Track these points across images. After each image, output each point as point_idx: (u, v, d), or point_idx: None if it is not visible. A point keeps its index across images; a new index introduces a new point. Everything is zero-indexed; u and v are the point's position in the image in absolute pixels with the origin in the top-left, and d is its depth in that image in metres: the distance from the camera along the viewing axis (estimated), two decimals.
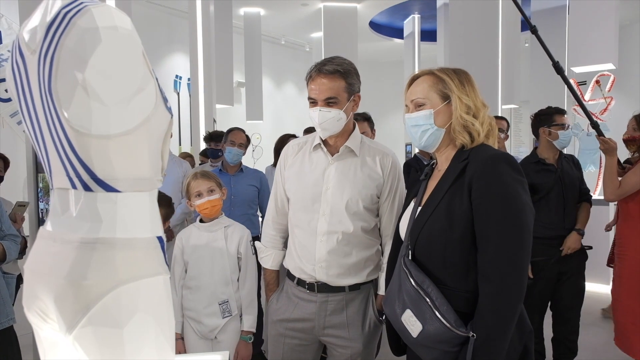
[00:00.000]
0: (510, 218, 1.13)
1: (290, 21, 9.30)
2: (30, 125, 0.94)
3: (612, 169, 2.46)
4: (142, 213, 0.93)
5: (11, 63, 0.94)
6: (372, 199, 1.58)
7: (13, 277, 2.31)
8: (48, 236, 0.93)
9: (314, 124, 1.55)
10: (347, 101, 1.53)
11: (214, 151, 3.71)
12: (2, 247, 2.12)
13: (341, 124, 1.54)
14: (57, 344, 0.95)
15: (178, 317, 1.89)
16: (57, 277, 0.86)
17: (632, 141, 2.54)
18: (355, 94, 1.57)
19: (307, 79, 1.55)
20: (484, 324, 1.11)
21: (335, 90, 1.50)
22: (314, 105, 1.52)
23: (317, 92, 1.51)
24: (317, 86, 1.51)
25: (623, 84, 6.77)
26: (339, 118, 1.52)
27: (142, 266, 0.90)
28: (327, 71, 1.50)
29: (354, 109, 1.59)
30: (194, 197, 1.96)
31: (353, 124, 1.63)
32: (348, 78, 1.52)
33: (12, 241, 2.21)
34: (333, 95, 1.50)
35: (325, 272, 1.55)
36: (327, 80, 1.50)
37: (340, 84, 1.51)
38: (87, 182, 0.88)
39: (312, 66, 1.55)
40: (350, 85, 1.53)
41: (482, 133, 1.25)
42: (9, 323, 2.13)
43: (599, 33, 4.26)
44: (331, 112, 1.50)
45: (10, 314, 2.15)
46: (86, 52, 0.80)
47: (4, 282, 2.18)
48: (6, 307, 2.13)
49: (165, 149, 1.00)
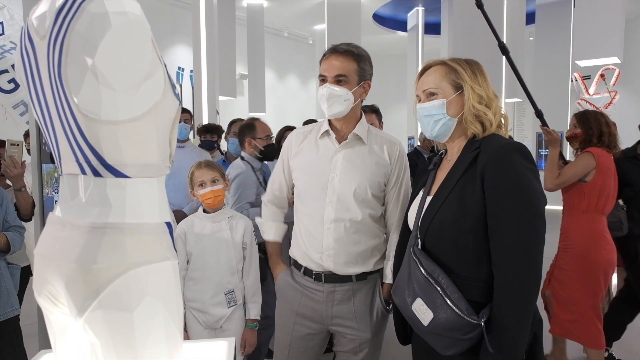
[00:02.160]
0: (523, 206, 1.14)
1: (293, 13, 9.26)
2: (39, 111, 0.95)
3: (554, 159, 2.59)
4: (150, 199, 0.94)
5: (20, 49, 0.95)
6: (379, 187, 1.58)
7: (17, 268, 2.30)
8: (58, 221, 0.94)
9: (321, 102, 1.55)
10: (356, 84, 1.54)
11: (210, 143, 3.73)
12: (6, 239, 2.11)
13: (348, 105, 1.54)
14: (67, 328, 0.97)
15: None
16: (68, 261, 0.87)
17: (574, 138, 2.65)
18: (366, 80, 1.57)
19: (321, 60, 1.57)
20: (499, 314, 1.11)
21: (346, 69, 1.52)
22: (324, 82, 1.54)
23: (328, 69, 1.53)
24: (329, 63, 1.53)
25: (627, 78, 6.73)
26: (346, 98, 1.52)
27: (151, 251, 0.91)
28: (341, 50, 1.52)
29: (363, 95, 1.59)
30: (197, 186, 1.96)
31: (360, 112, 1.63)
32: (360, 62, 1.54)
33: (18, 232, 2.20)
34: (343, 73, 1.51)
35: (332, 260, 1.56)
36: (339, 59, 1.52)
37: (352, 65, 1.52)
38: (97, 167, 0.89)
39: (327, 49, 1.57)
40: (362, 70, 1.55)
41: (495, 123, 1.25)
42: (13, 313, 2.14)
43: (605, 26, 4.25)
44: (340, 89, 1.51)
45: (15, 304, 2.15)
46: (96, 37, 0.81)
47: (8, 273, 2.18)
48: (10, 297, 2.14)
49: (173, 135, 1.01)
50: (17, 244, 2.16)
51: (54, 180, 2.53)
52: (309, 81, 11.51)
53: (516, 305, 1.11)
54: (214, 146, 3.75)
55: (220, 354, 1.19)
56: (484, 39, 4.87)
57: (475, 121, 1.25)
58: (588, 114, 2.65)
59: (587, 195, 2.48)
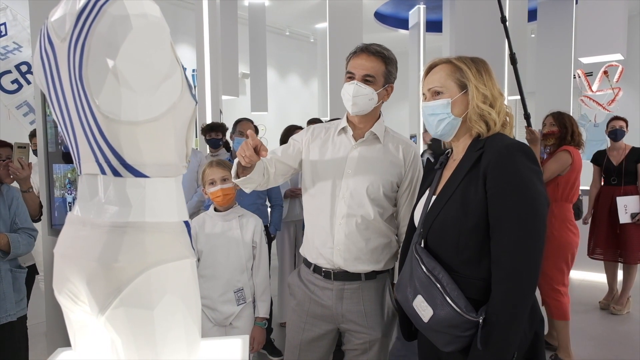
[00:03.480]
0: (525, 207, 1.14)
1: (294, 12, 9.25)
2: (59, 112, 0.96)
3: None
4: (169, 198, 0.96)
5: (39, 52, 0.96)
6: (392, 187, 1.60)
7: (22, 272, 2.21)
8: (77, 221, 0.95)
9: (345, 99, 1.57)
10: (382, 86, 1.57)
11: (215, 141, 3.74)
12: (7, 240, 2.05)
13: (372, 105, 1.57)
14: (87, 326, 0.98)
15: None
16: (89, 260, 0.88)
17: (551, 135, 3.01)
18: (390, 84, 1.60)
19: (350, 57, 1.59)
20: (495, 310, 1.12)
21: (375, 70, 1.55)
22: (351, 79, 1.56)
23: (357, 68, 1.55)
24: (359, 62, 1.55)
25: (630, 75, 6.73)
26: (371, 97, 1.55)
27: (171, 249, 0.93)
28: (373, 50, 1.55)
29: (385, 98, 1.62)
30: (207, 184, 1.98)
31: (379, 112, 1.65)
32: (389, 65, 1.57)
33: (27, 235, 2.15)
34: (372, 73, 1.54)
35: (342, 256, 1.57)
36: (370, 59, 1.54)
37: (381, 67, 1.56)
38: (117, 167, 0.90)
39: (357, 46, 1.59)
40: (389, 73, 1.58)
41: (499, 122, 1.26)
42: (6, 319, 2.07)
43: (608, 23, 4.24)
44: (366, 89, 1.54)
45: (10, 310, 2.08)
46: (117, 39, 0.82)
47: (9, 276, 2.11)
48: (6, 302, 2.07)
49: (190, 135, 1.02)
50: (23, 247, 2.10)
51: (67, 181, 2.52)
52: (310, 80, 11.50)
53: (511, 304, 1.11)
54: (220, 144, 3.76)
55: (234, 351, 1.20)
56: (485, 37, 4.88)
57: (479, 120, 1.26)
58: (563, 114, 3.03)
59: (561, 187, 2.88)
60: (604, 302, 3.96)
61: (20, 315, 2.16)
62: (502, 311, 1.11)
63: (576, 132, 2.96)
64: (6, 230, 2.12)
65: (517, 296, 1.12)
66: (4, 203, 2.14)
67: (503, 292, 1.12)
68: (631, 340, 3.29)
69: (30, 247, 2.18)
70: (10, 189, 2.19)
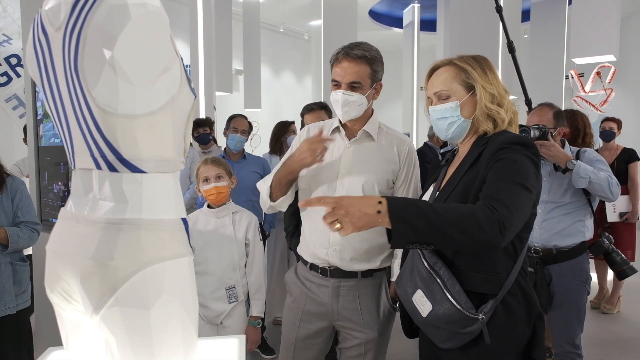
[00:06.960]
0: (513, 174, 1.10)
1: (289, 9, 9.20)
2: (52, 104, 0.93)
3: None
4: (166, 194, 0.93)
5: (32, 42, 0.92)
6: (387, 184, 1.59)
7: (23, 265, 2.17)
8: (71, 217, 0.92)
9: (335, 106, 1.56)
10: (369, 87, 1.55)
11: (204, 136, 3.69)
12: (5, 233, 2.02)
13: (362, 109, 1.56)
14: (80, 325, 0.95)
15: None
16: (83, 258, 0.85)
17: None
18: (378, 82, 1.58)
19: (333, 61, 1.56)
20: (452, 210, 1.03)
21: (360, 75, 1.51)
22: (337, 87, 1.54)
23: (342, 75, 1.52)
24: (343, 69, 1.52)
25: (622, 76, 6.78)
26: (360, 103, 1.54)
27: (168, 247, 0.90)
28: (355, 55, 1.51)
29: (375, 96, 1.60)
30: (201, 182, 1.95)
31: (371, 110, 1.64)
32: (373, 65, 1.54)
33: (29, 229, 2.10)
34: (357, 79, 1.51)
35: (338, 256, 1.56)
36: (353, 65, 1.51)
37: (366, 70, 1.52)
38: (113, 162, 0.87)
39: (338, 49, 1.55)
40: (375, 72, 1.55)
41: (506, 120, 1.26)
42: (5, 312, 2.05)
43: (601, 24, 4.26)
44: (354, 96, 1.52)
45: (10, 304, 2.07)
46: (115, 29, 0.79)
47: (9, 269, 2.08)
48: (5, 295, 2.05)
49: (188, 130, 1.00)
50: (22, 240, 2.07)
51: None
52: (304, 77, 11.46)
53: (452, 221, 1.01)
54: (209, 139, 3.72)
55: (231, 351, 1.18)
56: (479, 36, 4.88)
57: (487, 119, 1.25)
58: (577, 113, 2.68)
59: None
60: (594, 302, 3.98)
61: (20, 308, 2.13)
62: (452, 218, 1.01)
63: (588, 133, 2.65)
64: (8, 223, 2.08)
65: (464, 225, 1.01)
66: (8, 196, 2.10)
67: (459, 214, 1.03)
68: (622, 339, 3.32)
69: (33, 241, 2.15)
70: (15, 181, 2.14)
